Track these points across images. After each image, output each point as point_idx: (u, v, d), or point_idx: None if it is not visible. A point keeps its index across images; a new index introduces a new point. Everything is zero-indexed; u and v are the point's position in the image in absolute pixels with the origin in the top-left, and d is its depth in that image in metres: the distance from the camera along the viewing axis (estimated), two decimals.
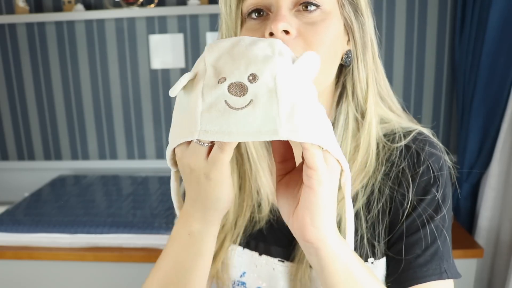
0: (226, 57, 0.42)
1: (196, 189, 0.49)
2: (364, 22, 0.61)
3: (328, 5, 0.56)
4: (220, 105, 0.40)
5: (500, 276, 1.63)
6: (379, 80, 0.64)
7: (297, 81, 0.41)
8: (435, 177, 0.60)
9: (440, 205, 0.60)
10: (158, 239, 1.37)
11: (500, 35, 1.57)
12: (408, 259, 0.59)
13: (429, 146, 0.62)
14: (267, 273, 0.65)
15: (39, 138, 2.13)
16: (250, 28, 0.57)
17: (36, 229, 1.42)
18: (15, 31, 2.00)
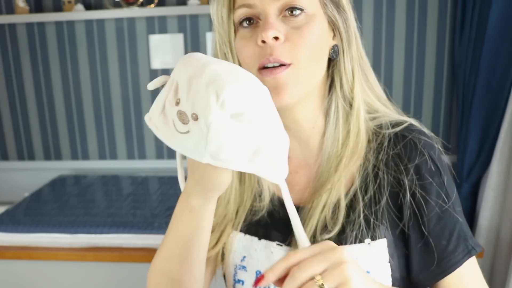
0: (185, 84, 0.49)
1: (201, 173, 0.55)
2: (347, 17, 0.65)
3: (312, 8, 0.61)
4: (170, 122, 0.50)
5: (500, 275, 1.63)
6: (364, 70, 0.68)
7: (229, 129, 0.48)
8: (437, 166, 0.64)
9: (448, 190, 0.63)
10: (158, 239, 1.37)
11: (500, 35, 1.57)
12: (439, 251, 0.63)
13: (424, 136, 0.65)
14: (266, 256, 0.68)
15: (39, 138, 2.13)
16: (243, 37, 0.62)
17: (36, 229, 1.42)
18: (15, 31, 2.00)
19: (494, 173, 1.61)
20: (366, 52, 0.70)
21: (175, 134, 0.50)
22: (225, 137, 0.48)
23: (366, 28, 1.89)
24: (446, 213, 0.63)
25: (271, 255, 0.68)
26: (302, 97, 0.63)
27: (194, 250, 0.60)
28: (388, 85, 1.92)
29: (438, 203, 0.63)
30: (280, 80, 0.60)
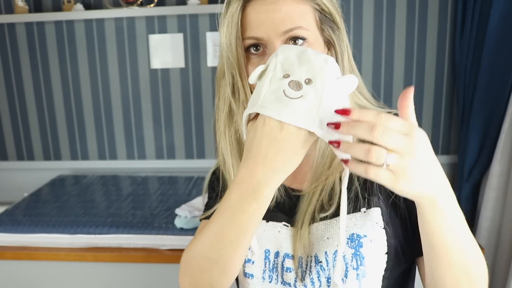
0: (294, 60, 0.57)
1: (288, 157, 0.57)
2: (340, 33, 0.73)
3: (312, 36, 0.69)
4: (280, 92, 0.55)
5: (501, 275, 1.63)
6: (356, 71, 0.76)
7: (337, 92, 0.55)
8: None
9: None
10: (158, 239, 1.37)
11: (500, 36, 1.57)
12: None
13: None
14: (273, 236, 0.75)
15: (38, 138, 2.12)
16: (252, 63, 0.71)
17: (35, 230, 1.41)
18: (15, 31, 2.00)
19: (495, 173, 1.61)
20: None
21: (287, 102, 0.54)
22: (334, 98, 0.54)
23: (367, 28, 1.89)
24: None
25: (278, 234, 0.75)
26: None
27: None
28: (388, 86, 1.92)
29: None
30: None
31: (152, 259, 1.34)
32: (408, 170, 0.49)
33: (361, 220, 0.70)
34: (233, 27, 0.71)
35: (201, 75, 2.00)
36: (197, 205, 1.44)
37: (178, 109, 2.05)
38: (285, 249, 0.74)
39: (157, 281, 1.37)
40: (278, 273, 0.74)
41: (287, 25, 0.68)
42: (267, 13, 0.68)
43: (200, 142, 2.07)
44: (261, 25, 0.69)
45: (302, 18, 0.69)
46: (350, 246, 0.69)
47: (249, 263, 0.76)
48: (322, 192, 0.72)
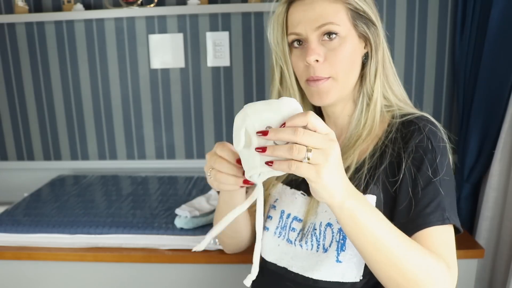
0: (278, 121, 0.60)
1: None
2: (376, 29, 0.84)
3: (344, 31, 0.80)
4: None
5: (501, 276, 1.63)
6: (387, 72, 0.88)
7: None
8: (432, 146, 0.79)
9: (438, 168, 0.78)
10: (158, 239, 1.37)
11: (501, 35, 1.57)
12: (416, 211, 0.75)
13: (430, 124, 0.82)
14: (290, 200, 0.90)
15: (38, 138, 2.12)
16: (295, 55, 0.85)
17: (35, 230, 1.41)
18: (14, 31, 2.00)
19: (495, 173, 1.61)
20: None
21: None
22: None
23: None
24: (431, 184, 0.77)
25: (294, 200, 0.89)
26: (339, 97, 0.85)
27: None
28: None
29: (426, 174, 0.77)
30: (322, 89, 0.82)
31: (152, 259, 1.34)
32: (327, 164, 0.57)
33: None
34: (278, 26, 0.85)
35: (201, 75, 2.00)
36: (197, 205, 1.44)
37: (178, 109, 2.05)
38: (295, 213, 0.88)
39: (157, 281, 1.37)
40: (286, 231, 0.88)
41: (320, 21, 0.79)
42: (304, 12, 0.81)
43: (200, 142, 2.07)
44: (299, 23, 0.81)
45: (334, 15, 0.79)
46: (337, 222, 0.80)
47: (269, 218, 0.92)
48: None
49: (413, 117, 0.84)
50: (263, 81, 1.98)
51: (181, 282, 1.37)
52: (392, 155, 0.81)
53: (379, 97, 0.86)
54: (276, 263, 0.90)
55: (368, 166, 0.82)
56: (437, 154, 0.79)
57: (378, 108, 0.86)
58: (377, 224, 0.65)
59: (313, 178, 0.58)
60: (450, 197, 0.78)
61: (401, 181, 0.78)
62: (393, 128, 0.84)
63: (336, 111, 0.90)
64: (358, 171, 0.83)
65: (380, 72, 0.86)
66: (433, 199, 0.76)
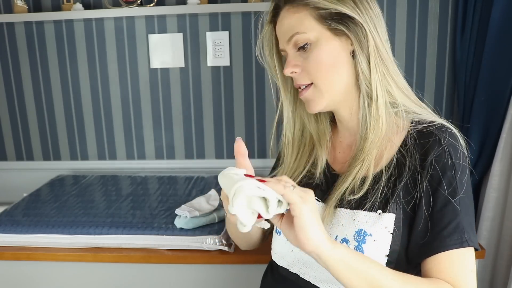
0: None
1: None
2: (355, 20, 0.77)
3: (313, 36, 0.79)
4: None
5: (502, 276, 1.63)
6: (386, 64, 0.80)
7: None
8: (452, 162, 0.74)
9: (457, 186, 0.73)
10: (158, 239, 1.36)
11: (501, 35, 1.57)
12: (433, 233, 0.72)
13: (450, 137, 0.76)
14: None
15: (37, 138, 2.12)
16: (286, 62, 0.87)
17: (34, 230, 1.40)
18: (14, 30, 1.99)
19: (496, 173, 1.60)
20: None
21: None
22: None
23: None
24: (450, 204, 0.72)
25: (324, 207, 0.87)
26: (329, 104, 0.84)
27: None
28: None
29: (444, 193, 0.73)
30: (307, 97, 0.83)
31: (152, 259, 1.33)
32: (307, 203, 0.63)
33: (373, 221, 0.76)
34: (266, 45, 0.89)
35: (201, 75, 2.00)
36: (197, 205, 1.44)
37: (177, 109, 2.04)
38: None
39: (157, 281, 1.37)
40: None
41: (288, 34, 0.81)
42: (279, 29, 0.84)
43: (200, 142, 2.07)
44: (279, 39, 0.85)
45: (299, 24, 0.80)
46: (355, 239, 0.76)
47: None
48: (356, 176, 0.80)
49: (433, 127, 0.78)
50: (263, 80, 1.98)
51: (181, 282, 1.37)
52: (410, 168, 0.76)
53: (381, 93, 0.80)
54: (288, 269, 0.89)
55: (386, 179, 0.78)
56: (456, 172, 0.74)
57: (382, 105, 0.80)
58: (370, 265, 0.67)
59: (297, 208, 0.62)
60: (469, 215, 0.74)
61: (419, 200, 0.75)
62: (410, 137, 0.79)
63: (344, 116, 0.87)
64: (376, 184, 0.78)
65: (375, 65, 0.79)
66: (452, 221, 0.72)
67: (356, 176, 0.80)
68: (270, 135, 1.05)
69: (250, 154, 2.21)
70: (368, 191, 0.78)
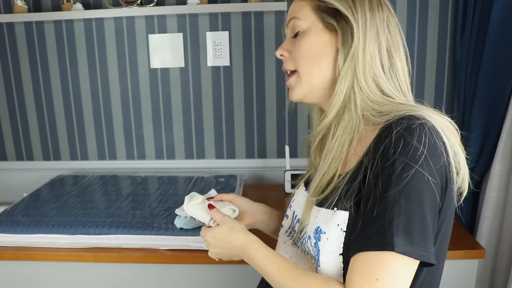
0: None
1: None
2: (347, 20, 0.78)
3: (306, 24, 0.82)
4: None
5: (502, 277, 1.63)
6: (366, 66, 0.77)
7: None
8: (394, 156, 0.67)
9: (392, 182, 0.66)
10: (158, 239, 1.36)
11: (501, 34, 1.56)
12: (358, 231, 0.69)
13: (404, 129, 0.68)
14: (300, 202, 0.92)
15: (37, 138, 2.12)
16: None
17: (34, 230, 1.40)
18: (14, 30, 1.99)
19: (495, 173, 1.60)
20: None
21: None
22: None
23: None
24: (381, 201, 0.66)
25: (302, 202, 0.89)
26: (308, 95, 0.85)
27: None
28: None
29: (378, 189, 0.67)
30: (290, 84, 0.86)
31: (152, 259, 1.33)
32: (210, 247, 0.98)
33: (327, 218, 0.76)
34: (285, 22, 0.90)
35: (201, 75, 2.00)
36: None
37: (177, 109, 2.04)
38: (299, 215, 0.89)
39: (157, 281, 1.37)
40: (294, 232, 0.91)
41: (289, 17, 0.86)
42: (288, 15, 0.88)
43: (200, 142, 2.07)
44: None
45: (299, 10, 0.83)
46: (314, 236, 0.78)
47: (285, 217, 0.97)
48: (324, 176, 0.80)
49: (395, 119, 0.71)
50: (263, 80, 1.98)
51: (181, 282, 1.37)
52: (367, 166, 0.72)
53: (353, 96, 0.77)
54: None
55: (348, 179, 0.76)
56: (395, 167, 0.66)
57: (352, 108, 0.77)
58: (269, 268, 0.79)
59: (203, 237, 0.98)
60: (405, 219, 0.64)
61: (362, 196, 0.71)
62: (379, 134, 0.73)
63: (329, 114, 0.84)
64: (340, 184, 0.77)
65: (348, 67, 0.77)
66: (379, 219, 0.66)
67: (323, 178, 0.79)
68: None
69: (250, 154, 2.20)
70: (331, 191, 0.78)
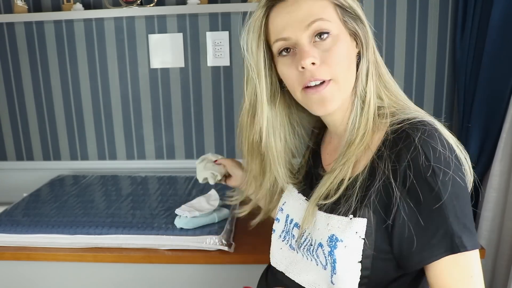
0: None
1: None
2: (364, 26, 0.78)
3: (336, 28, 0.74)
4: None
5: (502, 276, 1.63)
6: (379, 70, 0.80)
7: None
8: (430, 165, 0.68)
9: (441, 190, 0.67)
10: (158, 239, 1.36)
11: (501, 35, 1.57)
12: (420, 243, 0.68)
13: (425, 135, 0.70)
14: (294, 205, 0.89)
15: (37, 138, 2.12)
16: (285, 64, 0.78)
17: (34, 230, 1.40)
18: (14, 30, 1.99)
19: (495, 173, 1.60)
20: None
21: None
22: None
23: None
24: (434, 212, 0.67)
25: (298, 205, 0.88)
26: (340, 105, 0.79)
27: None
28: None
29: (426, 201, 0.67)
30: (325, 94, 0.75)
31: (152, 259, 1.33)
32: None
33: (344, 226, 0.73)
34: (255, 34, 0.78)
35: (201, 75, 2.00)
36: (197, 205, 1.44)
37: (177, 109, 2.04)
38: (296, 219, 0.86)
39: (157, 281, 1.37)
40: (289, 236, 0.87)
41: (309, 19, 0.73)
42: (289, 14, 0.74)
43: (200, 142, 2.07)
44: (286, 26, 0.75)
45: (322, 10, 0.74)
46: (328, 244, 0.75)
47: (276, 220, 0.93)
48: (334, 180, 0.78)
49: (408, 125, 0.72)
50: None
51: (181, 282, 1.37)
52: (385, 174, 0.71)
53: (373, 99, 0.78)
54: (276, 267, 0.90)
55: (360, 184, 0.74)
56: (437, 175, 0.67)
57: (372, 111, 0.78)
58: None
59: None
60: (461, 217, 0.67)
61: (396, 208, 0.69)
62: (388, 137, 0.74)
63: (337, 119, 0.83)
64: (351, 189, 0.75)
65: (372, 72, 0.78)
66: (439, 228, 0.67)
67: (334, 180, 0.77)
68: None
69: None
70: (342, 196, 0.75)
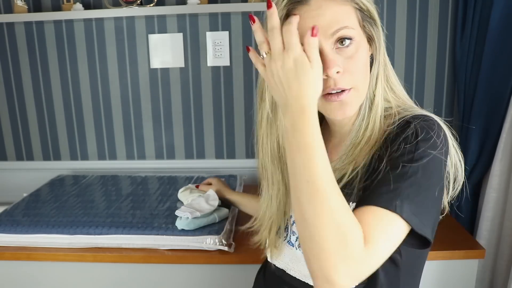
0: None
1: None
2: (378, 28, 0.78)
3: (358, 35, 0.74)
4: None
5: (502, 277, 1.63)
6: (387, 73, 0.83)
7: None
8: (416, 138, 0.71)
9: (414, 158, 0.69)
10: (158, 239, 1.36)
11: (501, 34, 1.56)
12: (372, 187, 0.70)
13: (423, 121, 0.74)
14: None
15: (37, 138, 2.12)
16: None
17: (34, 230, 1.40)
18: (13, 30, 1.99)
19: (495, 173, 1.60)
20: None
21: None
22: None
23: None
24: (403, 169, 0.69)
25: None
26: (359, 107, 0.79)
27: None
28: None
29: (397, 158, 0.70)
30: (345, 100, 0.75)
31: (152, 259, 1.33)
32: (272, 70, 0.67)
33: None
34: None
35: (201, 75, 2.00)
36: (196, 206, 1.44)
37: (177, 109, 2.04)
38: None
39: (157, 281, 1.37)
40: (289, 233, 0.88)
41: (334, 27, 0.72)
42: (313, 19, 0.71)
43: (200, 142, 2.07)
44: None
45: (347, 18, 0.73)
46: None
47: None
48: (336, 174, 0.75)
49: (410, 116, 0.77)
50: None
51: (181, 282, 1.37)
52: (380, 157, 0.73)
53: (380, 101, 0.80)
54: (276, 264, 0.90)
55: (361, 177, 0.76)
56: (418, 147, 0.70)
57: (379, 113, 0.80)
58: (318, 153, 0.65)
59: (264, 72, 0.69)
60: (416, 192, 0.68)
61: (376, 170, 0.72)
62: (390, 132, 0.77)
63: (343, 120, 0.84)
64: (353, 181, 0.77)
65: (381, 75, 0.80)
66: (393, 183, 0.68)
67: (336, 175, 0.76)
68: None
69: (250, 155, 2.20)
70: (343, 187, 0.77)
